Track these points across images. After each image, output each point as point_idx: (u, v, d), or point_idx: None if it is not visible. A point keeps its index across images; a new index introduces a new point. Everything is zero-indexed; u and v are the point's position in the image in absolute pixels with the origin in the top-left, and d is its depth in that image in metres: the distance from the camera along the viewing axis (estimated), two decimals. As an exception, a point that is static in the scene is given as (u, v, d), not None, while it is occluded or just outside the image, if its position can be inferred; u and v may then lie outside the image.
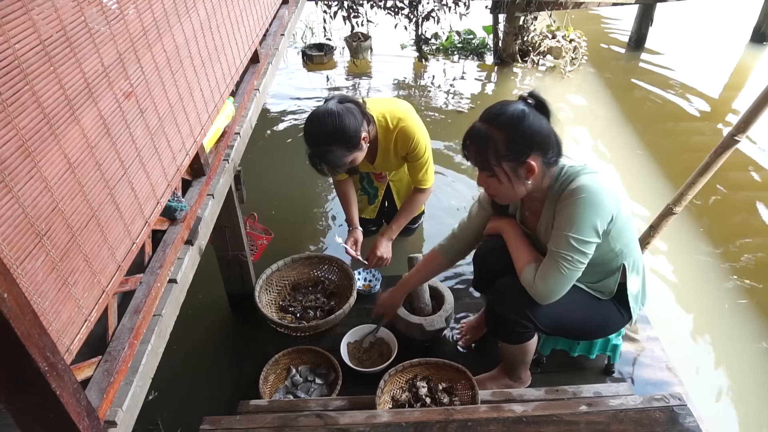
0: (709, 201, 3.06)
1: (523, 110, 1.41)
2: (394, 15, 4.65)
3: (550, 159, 1.46)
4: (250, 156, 2.22)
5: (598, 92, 4.33)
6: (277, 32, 2.64)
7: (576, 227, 1.41)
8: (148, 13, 1.26)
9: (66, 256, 0.94)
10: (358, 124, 1.89)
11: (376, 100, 2.14)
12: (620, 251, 1.54)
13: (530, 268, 1.53)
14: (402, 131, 2.05)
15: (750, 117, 1.74)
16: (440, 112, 4.09)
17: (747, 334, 2.34)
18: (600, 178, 1.46)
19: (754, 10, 5.02)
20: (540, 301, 1.51)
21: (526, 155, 1.41)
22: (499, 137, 1.41)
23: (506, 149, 1.41)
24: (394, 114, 2.06)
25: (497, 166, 1.43)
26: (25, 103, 0.85)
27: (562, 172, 1.49)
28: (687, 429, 1.42)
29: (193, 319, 2.30)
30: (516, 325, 1.61)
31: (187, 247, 1.47)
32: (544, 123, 1.44)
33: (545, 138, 1.42)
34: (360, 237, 2.36)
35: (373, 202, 2.54)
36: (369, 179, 2.46)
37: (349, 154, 1.93)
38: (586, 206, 1.41)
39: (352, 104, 1.94)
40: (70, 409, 0.87)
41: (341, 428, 1.47)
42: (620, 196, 1.49)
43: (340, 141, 1.87)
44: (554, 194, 1.50)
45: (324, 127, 1.86)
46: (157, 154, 1.30)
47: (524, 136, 1.40)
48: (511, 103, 1.44)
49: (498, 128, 1.42)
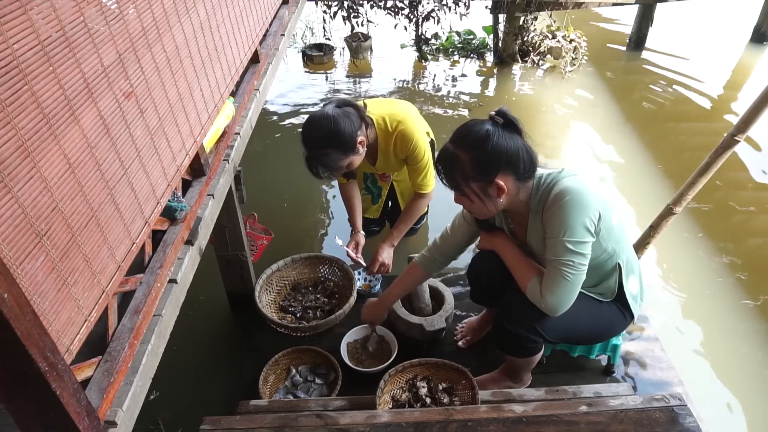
0: (709, 201, 3.06)
1: (488, 131, 1.41)
2: (394, 15, 4.65)
3: (523, 175, 1.46)
4: (250, 156, 2.21)
5: (598, 92, 4.33)
6: (277, 32, 2.64)
7: (569, 230, 1.41)
8: (147, 13, 1.26)
9: (66, 257, 0.94)
10: (354, 128, 1.90)
11: (377, 102, 2.14)
12: (613, 251, 1.54)
13: (535, 283, 1.52)
14: (401, 134, 2.05)
15: (750, 117, 1.74)
16: (440, 113, 4.09)
17: (747, 334, 2.34)
18: (580, 178, 1.47)
19: (754, 10, 5.02)
20: (551, 313, 1.49)
21: (494, 175, 1.42)
22: (465, 158, 1.42)
23: (472, 170, 1.42)
24: (393, 116, 2.06)
25: (466, 186, 1.45)
26: (24, 103, 0.85)
27: (541, 182, 1.50)
28: (687, 429, 1.42)
29: (193, 319, 2.30)
30: (525, 341, 1.60)
31: (187, 247, 1.47)
32: (511, 142, 1.43)
33: (512, 156, 1.42)
34: (362, 241, 2.37)
35: (376, 202, 2.54)
36: (373, 179, 2.46)
37: (345, 157, 1.93)
38: (572, 207, 1.41)
39: (350, 108, 1.94)
40: (70, 409, 0.87)
41: (341, 428, 1.47)
42: (603, 194, 1.50)
43: (335, 144, 1.88)
44: (536, 204, 1.50)
45: (319, 131, 1.87)
46: (157, 154, 1.30)
47: (489, 156, 1.41)
48: (478, 124, 1.44)
49: (463, 150, 1.43)
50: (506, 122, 1.45)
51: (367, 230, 2.49)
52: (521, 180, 1.46)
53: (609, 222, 1.49)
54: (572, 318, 1.54)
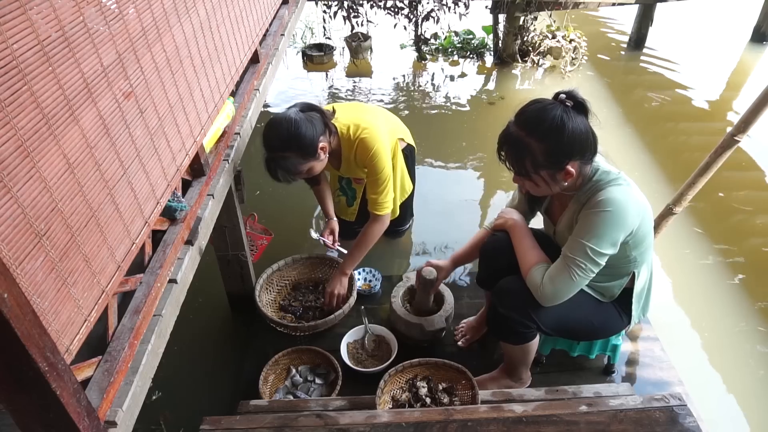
0: (709, 201, 3.06)
1: (562, 119, 1.37)
2: (394, 15, 4.65)
3: (589, 159, 1.45)
4: (250, 156, 2.21)
5: (598, 92, 4.33)
6: (277, 32, 2.64)
7: (596, 239, 1.41)
8: (147, 13, 1.26)
9: (65, 257, 0.94)
10: (315, 134, 1.88)
11: (348, 107, 2.11)
12: (634, 258, 1.54)
13: (538, 270, 1.52)
14: (362, 142, 2.01)
15: (750, 117, 1.74)
16: (440, 113, 4.09)
17: (747, 333, 2.34)
18: (629, 191, 1.44)
19: (754, 10, 5.02)
20: (544, 303, 1.51)
21: (565, 162, 1.40)
22: (538, 148, 1.39)
23: (545, 160, 1.40)
24: (358, 124, 2.02)
25: (535, 173, 1.43)
26: (23, 103, 0.85)
27: (595, 175, 1.48)
28: (687, 429, 1.42)
29: (193, 319, 2.30)
30: (518, 326, 1.60)
31: (187, 247, 1.47)
32: (582, 126, 1.40)
33: (584, 143, 1.40)
34: (336, 227, 2.40)
35: (351, 204, 2.48)
36: (348, 180, 2.41)
37: (305, 162, 1.91)
38: (610, 221, 1.40)
39: (314, 113, 1.92)
40: (70, 409, 0.87)
41: (341, 428, 1.47)
42: (646, 208, 1.48)
43: (294, 148, 1.87)
44: (582, 196, 1.49)
45: (279, 133, 1.86)
46: (156, 154, 1.30)
47: (564, 146, 1.38)
48: (549, 108, 1.39)
49: (536, 138, 1.39)
50: (575, 104, 1.42)
51: (349, 230, 2.49)
52: (586, 163, 1.45)
53: (642, 234, 1.49)
54: (567, 309, 1.55)
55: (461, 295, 2.28)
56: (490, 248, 1.81)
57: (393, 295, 2.07)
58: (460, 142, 3.63)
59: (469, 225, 2.94)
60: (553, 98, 1.45)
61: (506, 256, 1.68)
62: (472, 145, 3.59)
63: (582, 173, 1.47)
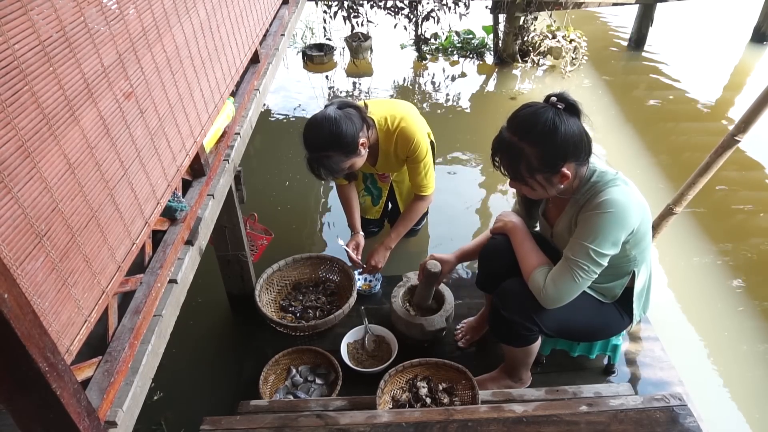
0: (710, 201, 3.06)
1: (554, 122, 1.36)
2: (394, 15, 4.65)
3: (584, 160, 1.45)
4: (250, 156, 2.21)
5: (598, 92, 4.33)
6: (277, 32, 2.64)
7: (597, 240, 1.41)
8: (147, 13, 1.26)
9: (66, 257, 0.94)
10: (356, 130, 1.89)
11: (378, 103, 2.14)
12: (634, 257, 1.54)
13: (540, 272, 1.52)
14: (402, 132, 2.05)
15: (750, 117, 1.74)
16: (440, 113, 4.09)
17: (747, 333, 2.34)
18: (629, 191, 1.44)
19: (754, 10, 5.02)
20: (546, 305, 1.50)
21: (560, 165, 1.40)
22: (532, 152, 1.38)
23: (540, 164, 1.39)
24: (395, 116, 2.06)
25: (530, 178, 1.43)
26: (24, 103, 0.85)
27: (593, 176, 1.47)
28: (687, 429, 1.42)
29: (193, 319, 2.30)
30: (521, 329, 1.60)
31: (187, 248, 1.47)
32: (575, 128, 1.39)
33: (578, 144, 1.40)
34: (362, 242, 2.37)
35: (377, 203, 2.54)
36: (373, 179, 2.46)
37: (347, 159, 1.93)
38: (611, 221, 1.40)
39: (351, 109, 1.93)
40: (70, 410, 0.87)
41: (341, 428, 1.47)
42: (645, 207, 1.48)
43: (337, 147, 1.87)
44: (580, 198, 1.48)
45: (321, 133, 1.86)
46: (157, 154, 1.30)
47: (558, 148, 1.37)
48: (541, 112, 1.38)
49: (529, 143, 1.38)
50: (567, 106, 1.41)
51: (366, 231, 2.49)
52: (581, 165, 1.45)
53: (642, 233, 1.49)
54: (569, 311, 1.55)
55: (461, 295, 2.28)
56: (488, 252, 1.81)
57: (393, 295, 2.07)
58: (460, 142, 3.64)
59: (470, 227, 2.94)
60: (544, 101, 1.44)
61: (505, 260, 1.68)
62: (473, 145, 3.60)
63: (578, 175, 1.47)
